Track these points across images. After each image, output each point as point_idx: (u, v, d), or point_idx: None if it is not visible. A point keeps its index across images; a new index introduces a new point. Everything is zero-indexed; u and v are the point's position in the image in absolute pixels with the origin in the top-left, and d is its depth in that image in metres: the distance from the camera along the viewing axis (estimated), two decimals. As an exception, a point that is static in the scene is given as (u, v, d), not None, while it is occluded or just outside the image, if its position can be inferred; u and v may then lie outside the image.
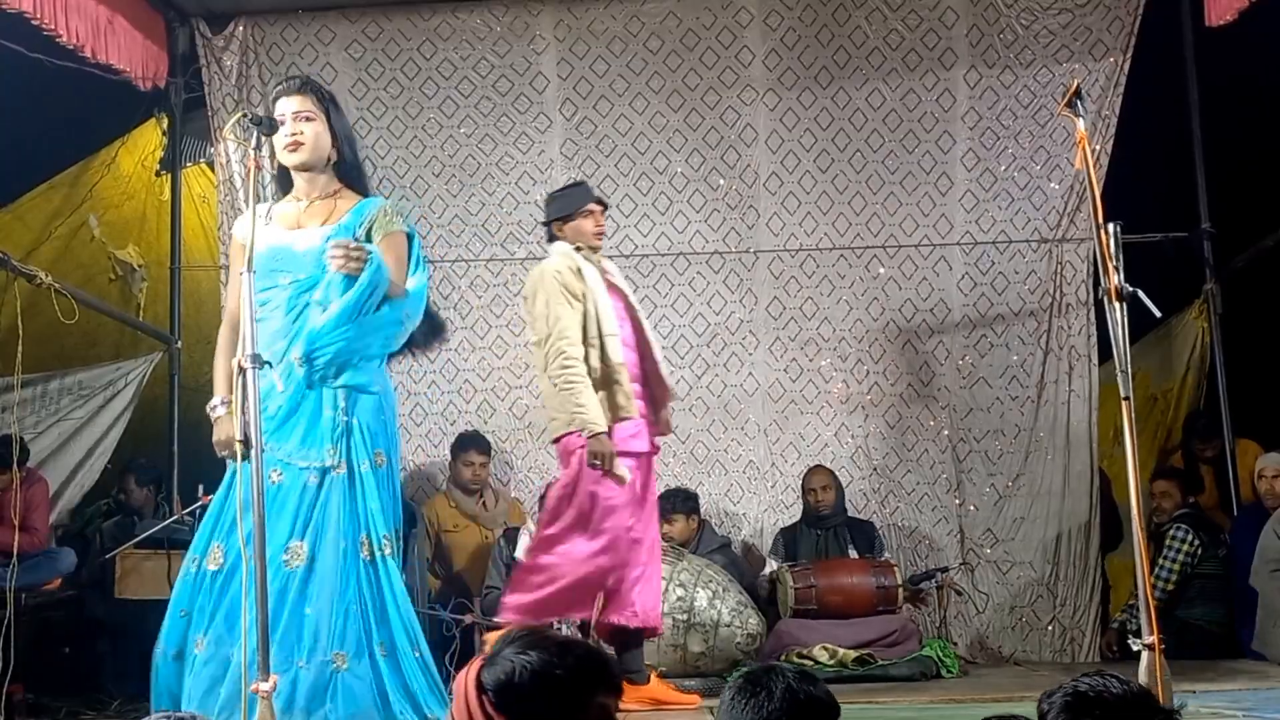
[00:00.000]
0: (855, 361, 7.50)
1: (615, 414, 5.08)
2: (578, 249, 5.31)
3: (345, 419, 3.97)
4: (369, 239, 4.02)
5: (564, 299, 5.14)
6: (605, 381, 5.11)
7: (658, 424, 5.38)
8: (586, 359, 5.09)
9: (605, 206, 5.55)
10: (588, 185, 5.71)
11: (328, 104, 4.13)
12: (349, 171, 4.15)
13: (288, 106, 4.04)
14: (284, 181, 4.16)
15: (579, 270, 5.21)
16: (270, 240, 3.96)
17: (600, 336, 5.14)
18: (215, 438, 3.95)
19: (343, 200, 4.08)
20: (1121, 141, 7.21)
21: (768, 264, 7.57)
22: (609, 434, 5.03)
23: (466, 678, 2.28)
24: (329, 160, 4.12)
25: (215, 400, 3.96)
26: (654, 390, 5.34)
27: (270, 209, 4.09)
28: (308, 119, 4.03)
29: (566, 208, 5.43)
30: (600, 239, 5.48)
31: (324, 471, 3.90)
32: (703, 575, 6.11)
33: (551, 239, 5.45)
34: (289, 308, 3.86)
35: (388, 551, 3.95)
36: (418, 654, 3.94)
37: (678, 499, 6.90)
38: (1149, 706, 2.30)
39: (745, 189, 7.59)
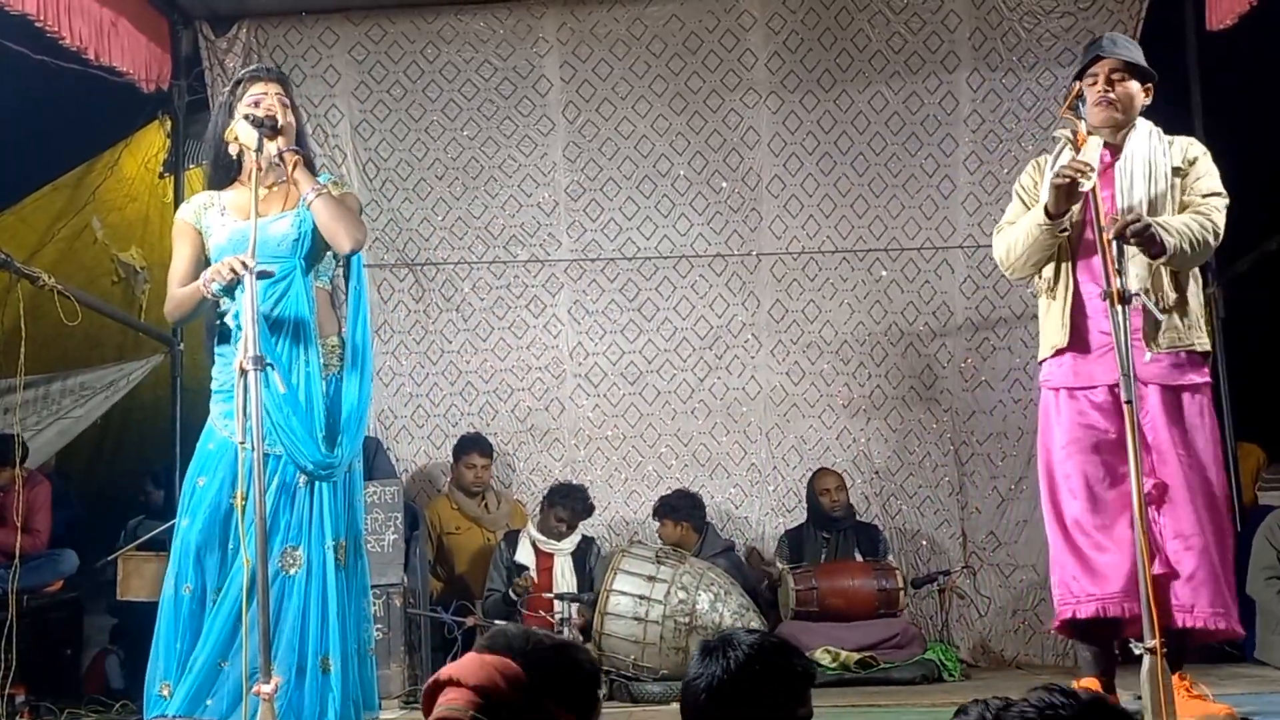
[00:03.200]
0: (857, 364, 7.51)
1: (1050, 340, 4.25)
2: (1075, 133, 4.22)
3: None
4: None
5: (1016, 198, 4.43)
6: (1047, 299, 4.31)
7: (1150, 338, 4.13)
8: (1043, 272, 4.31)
9: (1108, 59, 4.27)
10: (1096, 42, 4.42)
11: (293, 95, 4.12)
12: (305, 162, 4.09)
13: (269, 89, 4.01)
14: (228, 170, 4.08)
15: (1044, 164, 4.32)
16: (231, 229, 3.94)
17: None
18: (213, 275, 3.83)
19: (294, 188, 4.04)
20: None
21: (770, 267, 7.58)
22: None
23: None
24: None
25: (214, 288, 3.82)
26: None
27: (219, 198, 4.05)
28: (284, 106, 4.01)
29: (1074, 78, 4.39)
30: (1102, 110, 4.23)
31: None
32: (705, 578, 6.11)
33: None
34: (264, 297, 3.84)
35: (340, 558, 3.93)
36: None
37: (675, 504, 6.89)
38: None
39: (748, 192, 7.59)
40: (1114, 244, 3.89)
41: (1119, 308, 3.75)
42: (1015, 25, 7.48)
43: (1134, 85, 4.28)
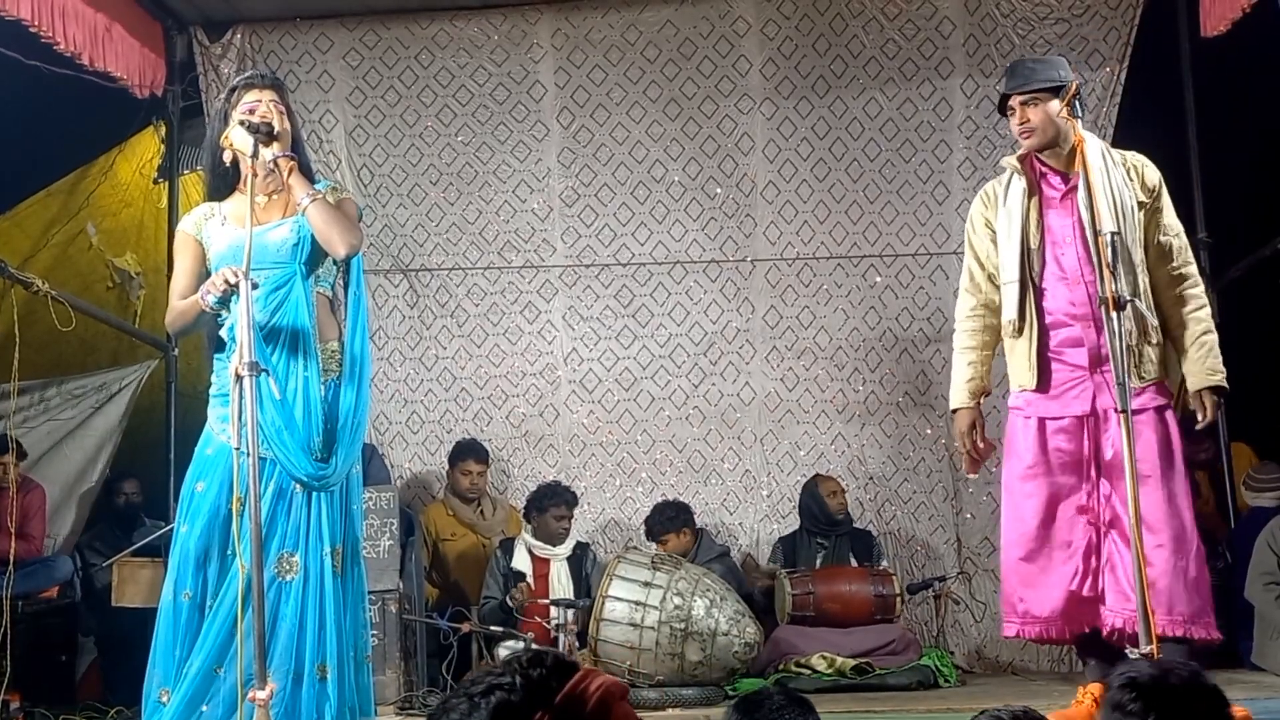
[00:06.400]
0: (852, 370, 7.51)
1: (1017, 379, 4.47)
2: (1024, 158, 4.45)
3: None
4: None
5: (968, 241, 4.56)
6: (1012, 338, 4.44)
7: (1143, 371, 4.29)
8: (1004, 312, 4.43)
9: (1014, 94, 4.43)
10: (1005, 77, 4.59)
11: (288, 101, 4.12)
12: (302, 168, 4.09)
13: (264, 96, 4.01)
14: (226, 179, 4.08)
15: (994, 196, 4.49)
16: (231, 238, 3.94)
17: (1000, 285, 4.45)
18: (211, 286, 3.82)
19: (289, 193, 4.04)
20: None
21: (765, 273, 7.58)
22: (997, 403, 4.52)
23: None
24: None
25: (210, 300, 3.81)
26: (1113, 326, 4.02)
27: (220, 209, 4.05)
28: (279, 112, 4.01)
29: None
30: (1025, 139, 4.44)
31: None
32: (700, 584, 6.10)
33: None
34: (264, 304, 3.84)
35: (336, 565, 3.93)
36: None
37: (670, 515, 6.88)
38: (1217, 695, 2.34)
39: (742, 198, 7.60)
40: (1106, 246, 3.91)
41: (1114, 314, 3.77)
42: (1009, 32, 7.49)
43: (1052, 105, 4.39)
